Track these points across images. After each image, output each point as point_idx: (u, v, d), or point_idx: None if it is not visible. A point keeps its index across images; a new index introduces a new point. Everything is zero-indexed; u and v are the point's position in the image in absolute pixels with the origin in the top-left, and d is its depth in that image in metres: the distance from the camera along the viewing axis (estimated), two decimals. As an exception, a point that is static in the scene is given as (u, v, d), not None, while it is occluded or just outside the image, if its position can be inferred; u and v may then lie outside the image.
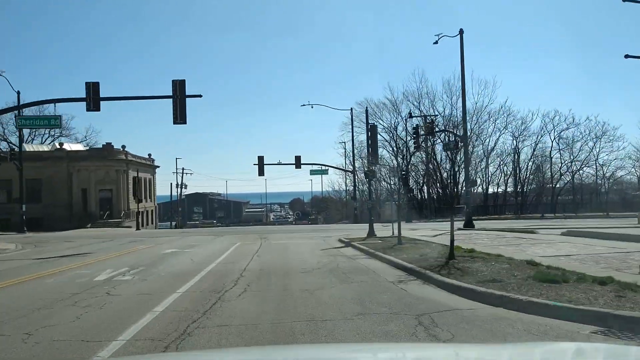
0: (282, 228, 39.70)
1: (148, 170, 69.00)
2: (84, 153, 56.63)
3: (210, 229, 47.92)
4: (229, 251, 18.30)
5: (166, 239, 27.80)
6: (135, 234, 36.32)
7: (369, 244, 18.62)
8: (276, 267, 13.27)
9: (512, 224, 33.48)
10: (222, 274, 12.07)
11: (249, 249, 18.75)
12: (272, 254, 16.78)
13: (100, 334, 6.64)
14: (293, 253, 17.19)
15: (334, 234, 27.61)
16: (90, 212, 55.07)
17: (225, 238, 26.80)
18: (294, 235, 27.48)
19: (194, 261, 15.25)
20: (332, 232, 29.58)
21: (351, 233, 27.70)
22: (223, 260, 15.33)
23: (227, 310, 7.88)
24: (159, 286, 10.40)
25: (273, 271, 12.33)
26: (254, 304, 8.39)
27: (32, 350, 6.05)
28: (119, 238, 29.46)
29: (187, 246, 21.24)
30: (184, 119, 24.00)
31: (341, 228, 35.44)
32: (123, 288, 10.30)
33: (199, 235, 30.88)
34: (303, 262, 13.99)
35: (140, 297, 9.23)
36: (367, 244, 18.69)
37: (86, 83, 23.41)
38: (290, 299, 8.74)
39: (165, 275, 12.24)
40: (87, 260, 16.10)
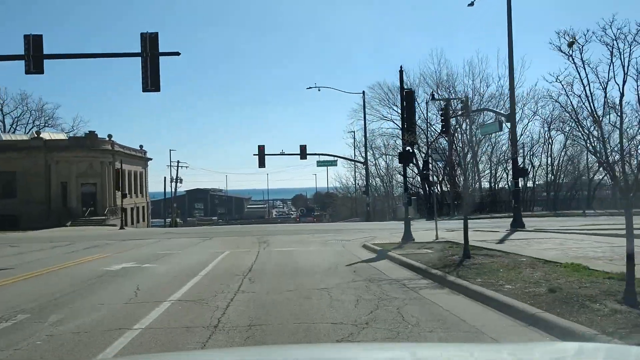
0: (286, 227, 33.81)
1: (139, 162, 63.17)
2: (64, 142, 50.75)
3: (205, 229, 42.06)
4: (207, 268, 12.29)
5: (140, 242, 21.96)
6: (113, 235, 30.45)
7: (417, 256, 12.71)
8: (280, 316, 7.08)
9: (565, 222, 27.55)
10: (170, 334, 6.18)
11: (239, 265, 12.81)
12: (272, 278, 10.53)
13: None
14: (305, 274, 10.89)
15: (351, 236, 21.74)
16: (70, 209, 49.27)
17: (213, 242, 20.95)
18: (302, 239, 21.59)
19: (139, 293, 9.10)
20: (347, 234, 23.71)
21: (374, 235, 21.82)
22: (188, 292, 9.10)
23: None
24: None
25: (274, 331, 6.28)
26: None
27: None
28: (86, 240, 23.69)
29: (153, 257, 15.31)
30: (157, 85, 18.13)
31: (356, 228, 29.52)
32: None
33: (185, 237, 25.01)
34: (329, 300, 7.96)
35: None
36: (413, 256, 12.80)
37: (25, 36, 17.52)
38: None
39: (43, 342, 6.03)
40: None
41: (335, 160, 47.87)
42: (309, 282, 9.70)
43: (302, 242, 19.47)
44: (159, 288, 9.56)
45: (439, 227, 27.17)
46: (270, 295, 8.49)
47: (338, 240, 19.98)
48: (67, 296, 8.94)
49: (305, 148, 46.56)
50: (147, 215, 67.28)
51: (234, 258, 14.21)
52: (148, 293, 8.91)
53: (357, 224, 35.83)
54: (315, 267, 11.80)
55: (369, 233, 23.80)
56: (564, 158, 51.07)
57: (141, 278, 10.99)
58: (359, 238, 20.96)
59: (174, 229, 45.05)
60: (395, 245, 16.33)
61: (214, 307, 7.51)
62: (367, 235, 22.37)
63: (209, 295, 8.49)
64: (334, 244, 18.74)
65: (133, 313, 7.26)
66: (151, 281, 10.52)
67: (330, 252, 15.52)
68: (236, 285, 9.54)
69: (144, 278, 11.00)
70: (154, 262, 13.87)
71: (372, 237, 20.51)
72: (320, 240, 20.10)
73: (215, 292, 8.71)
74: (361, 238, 21.01)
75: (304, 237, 22.48)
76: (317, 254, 14.63)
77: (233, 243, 19.86)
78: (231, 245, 18.92)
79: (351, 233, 24.33)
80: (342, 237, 21.48)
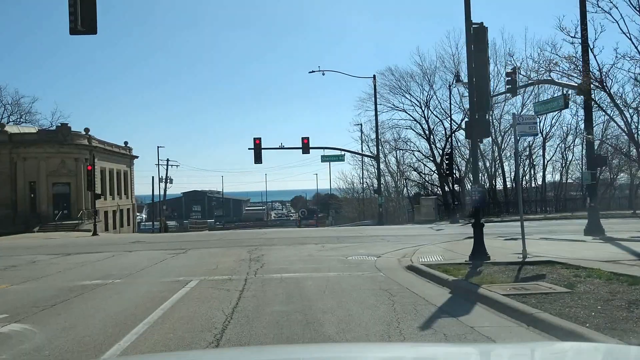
0: (287, 234, 27.65)
1: (122, 160, 57.04)
2: (32, 137, 44.44)
3: (190, 235, 35.80)
4: (121, 343, 5.90)
5: (90, 258, 15.85)
6: (72, 244, 24.22)
7: (550, 301, 6.55)
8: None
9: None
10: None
11: (198, 326, 6.46)
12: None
13: None
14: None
15: (377, 248, 15.74)
16: (40, 212, 43.13)
17: (185, 259, 14.86)
18: (311, 253, 15.48)
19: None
20: (369, 244, 17.72)
21: (406, 246, 15.79)
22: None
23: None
24: None
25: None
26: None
27: None
28: (26, 253, 17.68)
29: (62, 295, 8.82)
30: (92, 26, 12.07)
31: (374, 234, 23.37)
32: None
33: (154, 249, 18.82)
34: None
35: None
36: (536, 299, 6.65)
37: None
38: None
39: None
40: None
41: (342, 155, 41.70)
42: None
43: (312, 260, 13.35)
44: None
45: (468, 233, 21.38)
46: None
47: (363, 256, 13.91)
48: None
49: (307, 141, 40.37)
50: (132, 219, 61.14)
51: (196, 302, 7.93)
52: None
53: (371, 229, 29.70)
54: (359, 335, 5.67)
55: (395, 242, 17.84)
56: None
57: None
58: (389, 251, 14.94)
59: (158, 235, 38.78)
60: (463, 266, 10.29)
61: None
62: (397, 245, 16.33)
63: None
64: (360, 262, 12.64)
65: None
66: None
67: (365, 285, 9.31)
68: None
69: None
70: (43, 313, 7.60)
71: (412, 251, 14.43)
72: (337, 257, 13.97)
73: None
74: (392, 251, 15.02)
75: (312, 249, 16.37)
76: (347, 294, 8.41)
77: (212, 260, 13.76)
78: (208, 264, 12.82)
79: (373, 243, 18.28)
80: (366, 250, 15.41)
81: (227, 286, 9.21)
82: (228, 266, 12.40)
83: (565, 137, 46.36)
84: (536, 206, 44.77)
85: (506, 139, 46.83)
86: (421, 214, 37.86)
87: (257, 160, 39.73)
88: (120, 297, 8.51)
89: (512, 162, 48.83)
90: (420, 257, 12.93)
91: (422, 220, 36.54)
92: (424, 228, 28.05)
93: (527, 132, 11.25)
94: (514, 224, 30.88)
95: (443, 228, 27.59)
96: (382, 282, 9.32)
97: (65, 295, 8.80)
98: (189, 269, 12.14)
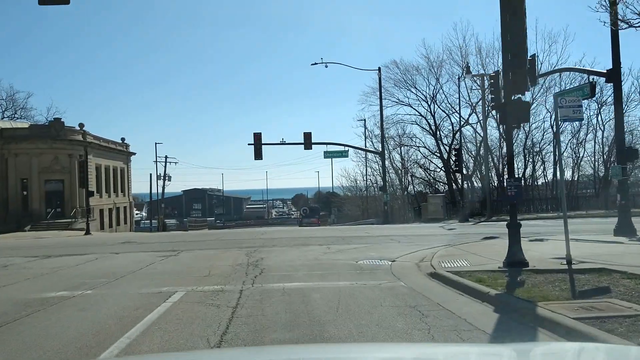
0: (288, 233, 26.03)
1: (119, 157, 55.38)
2: (23, 132, 42.76)
3: (186, 235, 34.19)
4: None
5: (70, 261, 14.24)
6: (59, 244, 22.59)
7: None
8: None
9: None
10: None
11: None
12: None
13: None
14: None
15: (390, 251, 14.13)
16: (32, 210, 41.50)
17: (176, 263, 13.22)
18: (316, 256, 13.84)
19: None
20: (379, 245, 16.11)
21: (420, 248, 14.15)
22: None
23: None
24: None
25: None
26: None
27: None
28: (3, 255, 16.03)
29: (12, 313, 7.32)
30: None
31: (383, 234, 21.71)
32: None
33: (144, 250, 17.19)
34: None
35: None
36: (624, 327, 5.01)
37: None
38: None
39: None
40: None
41: (345, 151, 39.96)
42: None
43: (318, 265, 11.69)
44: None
45: (488, 232, 19.74)
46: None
47: (375, 261, 12.27)
48: None
49: (310, 136, 38.71)
50: (130, 217, 59.50)
51: (175, 325, 6.22)
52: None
53: (377, 228, 28.03)
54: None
55: (407, 244, 16.26)
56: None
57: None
58: (403, 254, 13.33)
59: (152, 234, 37.07)
60: (498, 274, 8.66)
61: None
62: (410, 247, 14.70)
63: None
64: (373, 268, 11.00)
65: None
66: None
67: (387, 299, 7.60)
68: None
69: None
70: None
71: (429, 254, 12.79)
72: (346, 261, 12.33)
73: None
74: (407, 254, 13.40)
75: (317, 251, 14.73)
76: (367, 313, 6.73)
77: (205, 265, 12.12)
78: (200, 270, 11.19)
79: (383, 244, 16.66)
80: (377, 253, 13.77)
81: (217, 300, 7.57)
82: (222, 272, 10.76)
83: (577, 132, 44.64)
84: (547, 204, 43.04)
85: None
86: (428, 212, 36.17)
87: (257, 156, 38.09)
88: (82, 316, 6.86)
89: (521, 159, 47.35)
90: (442, 262, 11.28)
91: (430, 218, 34.86)
92: (434, 227, 26.40)
93: (571, 116, 9.59)
94: (530, 223, 29.23)
95: (455, 227, 25.93)
96: (406, 296, 7.66)
97: (17, 312, 7.16)
98: (176, 275, 10.50)
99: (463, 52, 41.95)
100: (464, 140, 43.06)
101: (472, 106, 42.26)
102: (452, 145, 44.51)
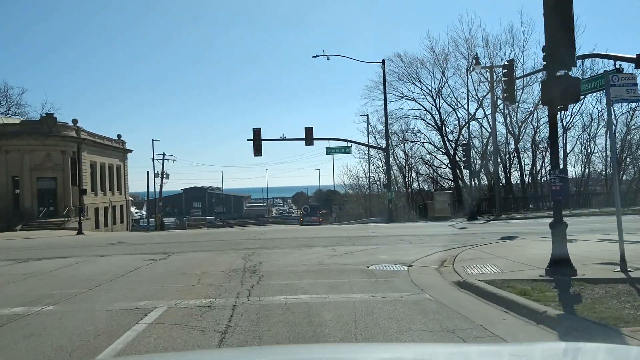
0: (290, 232, 24.55)
1: (115, 154, 53.89)
2: (14, 127, 41.22)
3: (181, 235, 32.74)
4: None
5: (47, 266, 12.77)
6: (41, 245, 21.08)
7: None
8: None
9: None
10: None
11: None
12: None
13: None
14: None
15: (402, 252, 12.64)
16: (24, 209, 40.01)
17: (164, 268, 11.73)
18: (320, 259, 12.35)
19: None
20: (388, 246, 14.60)
21: (435, 250, 12.67)
22: None
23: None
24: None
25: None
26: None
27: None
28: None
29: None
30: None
31: (390, 233, 20.22)
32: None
33: (131, 252, 15.71)
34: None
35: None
36: None
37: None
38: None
39: None
40: None
41: (348, 147, 38.47)
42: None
43: (325, 272, 10.17)
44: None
45: (503, 232, 18.35)
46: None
47: (389, 266, 10.79)
48: None
49: (311, 131, 37.22)
50: (126, 216, 58.04)
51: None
52: None
53: (383, 227, 26.52)
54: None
55: (419, 244, 14.89)
56: (628, 143, 41.78)
57: None
58: (419, 257, 11.91)
59: (147, 234, 35.47)
60: (543, 284, 7.18)
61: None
62: (423, 249, 13.25)
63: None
64: (389, 275, 9.50)
65: None
66: None
67: (415, 319, 6.04)
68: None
69: None
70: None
71: (447, 256, 11.30)
72: (356, 266, 10.83)
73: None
74: (422, 257, 11.99)
75: (322, 254, 13.22)
76: (395, 342, 5.26)
77: (196, 270, 10.63)
78: (189, 277, 9.70)
79: (393, 245, 15.19)
80: (389, 256, 12.30)
81: (204, 321, 6.08)
82: (214, 280, 9.26)
83: (588, 126, 43.12)
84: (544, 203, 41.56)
85: (523, 130, 43.66)
86: (435, 210, 34.63)
87: (257, 152, 36.61)
88: (25, 347, 5.32)
89: (529, 155, 45.81)
90: (466, 267, 9.80)
91: (436, 217, 33.33)
92: (443, 226, 24.91)
93: (624, 97, 8.09)
94: (544, 221, 27.67)
95: (465, 226, 24.44)
96: (438, 314, 6.17)
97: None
98: (161, 284, 9.01)
99: (469, 45, 40.46)
100: (470, 136, 41.56)
101: (479, 100, 40.80)
102: (458, 141, 43.03)
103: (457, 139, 43.06)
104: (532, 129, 44.02)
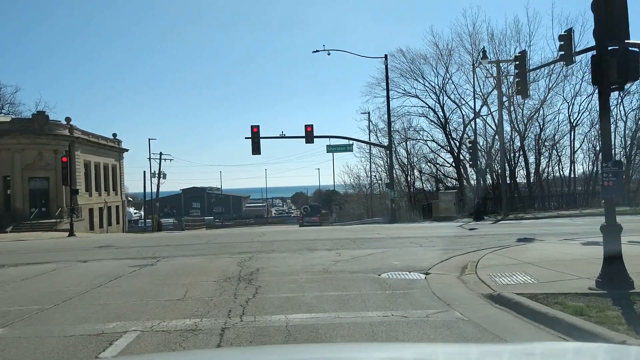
0: (290, 234, 23.27)
1: (110, 154, 52.56)
2: (4, 126, 39.87)
3: (173, 237, 31.45)
4: None
5: (8, 276, 11.48)
6: (19, 249, 19.77)
7: None
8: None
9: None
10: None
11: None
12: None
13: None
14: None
15: (412, 256, 11.45)
16: (15, 210, 38.69)
17: (149, 277, 10.41)
18: (325, 265, 11.08)
19: None
20: (397, 249, 13.32)
21: (449, 254, 11.37)
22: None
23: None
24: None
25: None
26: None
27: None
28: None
29: None
30: None
31: (396, 235, 18.93)
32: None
33: (118, 257, 14.41)
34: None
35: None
36: None
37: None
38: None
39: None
40: None
41: (350, 145, 37.15)
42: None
43: (331, 281, 8.87)
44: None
45: (517, 233, 17.15)
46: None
47: (403, 273, 9.51)
48: None
49: (311, 129, 35.91)
50: (122, 217, 56.69)
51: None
52: None
53: (388, 228, 25.23)
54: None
55: (430, 247, 13.68)
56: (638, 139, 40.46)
57: None
58: (435, 263, 10.66)
59: (140, 236, 34.15)
60: (597, 299, 5.96)
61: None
62: (436, 253, 11.99)
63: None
64: (405, 286, 8.21)
65: None
66: None
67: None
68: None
69: None
70: None
71: (467, 262, 10.01)
72: (366, 273, 9.54)
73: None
74: (438, 262, 10.73)
75: (326, 259, 11.94)
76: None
77: (183, 280, 9.33)
78: (174, 288, 8.40)
79: (402, 248, 13.93)
80: (401, 262, 11.02)
81: (182, 353, 4.78)
82: (203, 293, 7.97)
83: (596, 123, 41.78)
84: (562, 200, 40.28)
85: (529, 127, 42.43)
86: (440, 209, 33.35)
87: (255, 150, 35.28)
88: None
89: (534, 153, 44.51)
90: (495, 276, 8.51)
91: (441, 217, 32.04)
92: (450, 227, 23.62)
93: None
94: (557, 222, 26.46)
95: (475, 227, 23.15)
96: (478, 342, 4.87)
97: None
98: (140, 298, 7.70)
99: (474, 39, 39.19)
100: (476, 134, 40.27)
101: (484, 97, 39.53)
102: (462, 139, 41.78)
103: (462, 137, 41.82)
104: (538, 126, 42.82)
